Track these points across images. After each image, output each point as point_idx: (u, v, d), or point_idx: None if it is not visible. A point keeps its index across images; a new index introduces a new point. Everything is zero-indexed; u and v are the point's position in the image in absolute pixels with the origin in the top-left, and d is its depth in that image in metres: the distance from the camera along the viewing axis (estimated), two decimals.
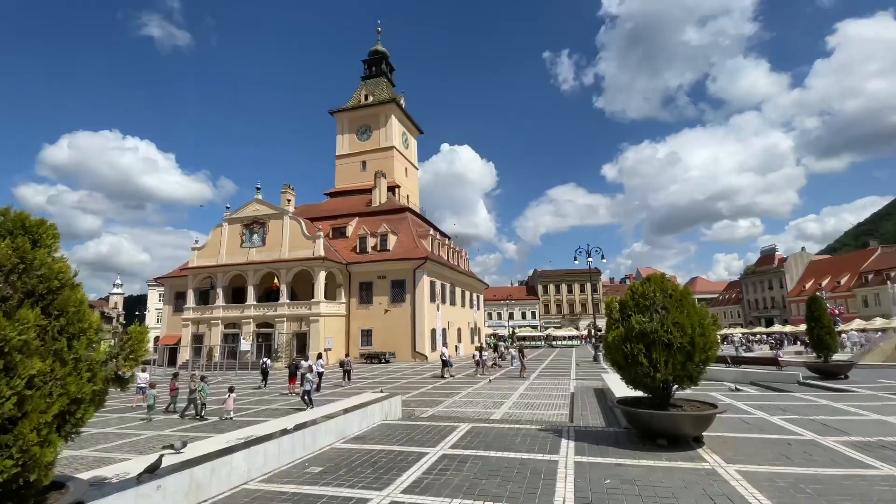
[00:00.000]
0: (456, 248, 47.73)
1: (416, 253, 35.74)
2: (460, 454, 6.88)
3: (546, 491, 5.20)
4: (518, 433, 8.17)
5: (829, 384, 14.38)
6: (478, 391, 16.43)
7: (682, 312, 6.67)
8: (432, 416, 11.19)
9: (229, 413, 12.40)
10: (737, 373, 17.43)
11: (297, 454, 6.93)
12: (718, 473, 5.63)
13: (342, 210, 44.69)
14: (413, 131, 58.76)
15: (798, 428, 8.04)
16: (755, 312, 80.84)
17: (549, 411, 12.12)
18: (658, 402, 7.05)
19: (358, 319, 36.30)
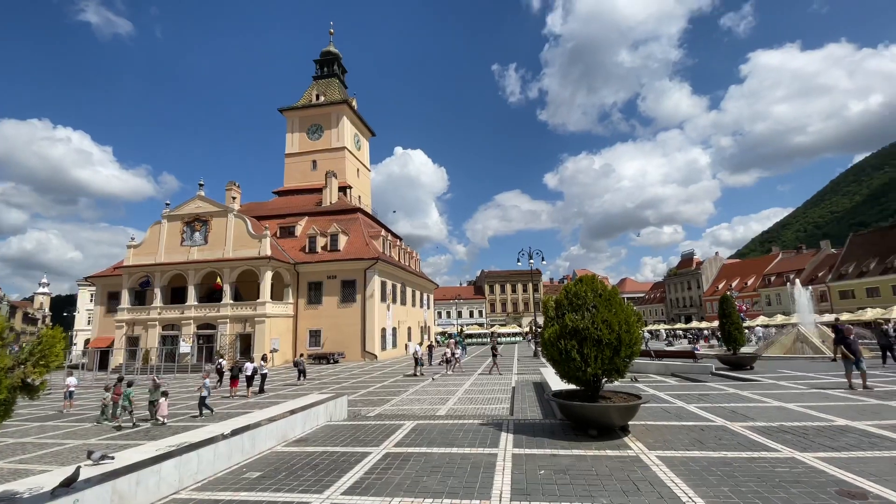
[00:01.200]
0: (407, 248, 47.70)
1: (367, 253, 35.39)
2: (404, 452, 6.98)
3: (485, 484, 5.42)
4: (461, 428, 8.38)
5: (738, 375, 15.85)
6: (424, 389, 16.57)
7: (611, 311, 7.16)
8: (378, 415, 11.19)
9: (163, 419, 11.76)
10: (659, 365, 18.74)
11: (234, 459, 6.74)
12: (641, 459, 6.10)
13: (291, 209, 43.34)
14: (365, 133, 58.04)
15: (711, 415, 8.86)
16: (676, 310, 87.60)
17: (492, 406, 12.48)
18: (589, 394, 7.52)
19: (306, 320, 35.38)
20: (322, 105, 51.58)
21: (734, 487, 4.97)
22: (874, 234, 57.24)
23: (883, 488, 4.73)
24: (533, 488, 5.18)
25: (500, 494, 5.05)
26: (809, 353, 21.86)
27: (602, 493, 4.92)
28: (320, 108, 51.57)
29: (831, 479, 5.10)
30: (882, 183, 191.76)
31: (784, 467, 5.62)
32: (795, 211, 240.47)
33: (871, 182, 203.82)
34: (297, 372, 21.50)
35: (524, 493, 5.03)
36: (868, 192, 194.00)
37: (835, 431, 7.27)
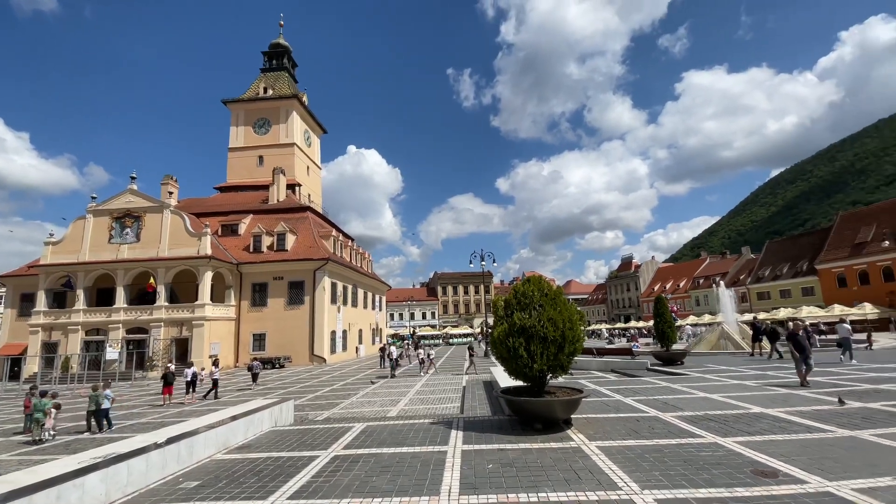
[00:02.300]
0: (359, 249, 46.95)
1: (317, 253, 34.44)
2: (353, 454, 6.90)
3: (434, 481, 5.47)
4: (412, 428, 8.40)
5: (670, 369, 17.06)
6: (375, 391, 16.41)
7: (556, 309, 7.49)
8: (327, 418, 10.95)
9: (49, 433, 10.68)
10: (600, 362, 19.78)
11: (169, 469, 6.35)
12: (582, 450, 6.42)
13: (234, 206, 41.32)
14: (316, 130, 56.53)
15: (645, 407, 9.48)
16: (616, 310, 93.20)
17: (443, 405, 12.59)
18: (535, 390, 7.81)
19: (249, 323, 33.84)
20: (270, 99, 49.67)
21: (664, 471, 5.37)
22: (787, 241, 63.52)
23: (791, 467, 5.30)
24: (481, 482, 5.31)
25: (450, 490, 5.13)
26: (731, 348, 23.92)
27: (546, 484, 5.14)
28: (268, 101, 49.63)
29: (747, 461, 5.63)
30: (794, 195, 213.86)
31: (707, 451, 6.14)
32: (721, 219, 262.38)
33: (785, 194, 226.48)
34: (250, 376, 20.93)
35: (472, 487, 5.15)
36: (783, 204, 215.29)
37: (751, 418, 8.03)
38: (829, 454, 5.72)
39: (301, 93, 53.19)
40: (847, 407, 8.53)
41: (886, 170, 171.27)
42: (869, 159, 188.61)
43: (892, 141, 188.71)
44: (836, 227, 52.14)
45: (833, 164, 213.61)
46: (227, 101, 49.92)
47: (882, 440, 6.21)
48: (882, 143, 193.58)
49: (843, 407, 8.47)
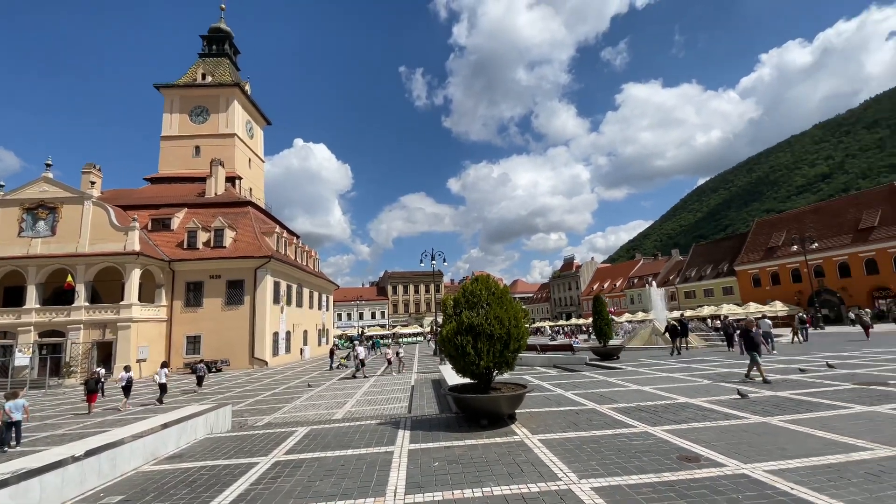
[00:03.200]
0: (305, 247, 45.45)
1: (258, 251, 32.90)
2: (295, 459, 6.67)
3: (379, 482, 5.42)
4: (358, 430, 8.26)
5: (607, 364, 18.07)
6: (320, 394, 15.97)
7: (502, 308, 7.68)
8: (268, 423, 10.50)
9: None
10: (543, 358, 20.52)
11: (89, 484, 5.82)
12: (525, 443, 6.63)
13: (167, 199, 38.49)
14: (260, 121, 53.99)
15: (584, 400, 9.96)
16: (559, 308, 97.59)
17: (391, 405, 12.50)
18: (482, 387, 7.96)
19: (183, 324, 31.69)
20: (209, 86, 46.77)
21: (600, 461, 5.67)
22: (711, 245, 69.19)
23: (712, 452, 5.78)
24: (427, 480, 5.33)
25: (395, 490, 5.11)
26: (662, 343, 25.65)
27: (490, 478, 5.25)
28: (207, 88, 46.70)
29: (674, 448, 6.08)
30: (717, 203, 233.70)
31: (639, 440, 6.55)
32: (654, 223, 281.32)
33: (710, 202, 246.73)
34: (195, 379, 20.00)
35: (418, 486, 5.16)
36: (707, 210, 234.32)
37: (677, 408, 8.67)
38: (745, 439, 6.30)
39: (244, 81, 50.58)
40: (760, 395, 9.43)
41: (797, 181, 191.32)
42: (782, 171, 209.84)
43: (801, 156, 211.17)
44: (753, 232, 57.53)
45: (751, 175, 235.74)
46: (159, 86, 46.42)
47: (790, 425, 6.92)
48: (793, 158, 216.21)
49: (746, 399, 9.16)
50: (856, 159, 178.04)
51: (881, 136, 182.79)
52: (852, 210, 45.44)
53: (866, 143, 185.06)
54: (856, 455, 5.34)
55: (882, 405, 7.80)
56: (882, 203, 42.61)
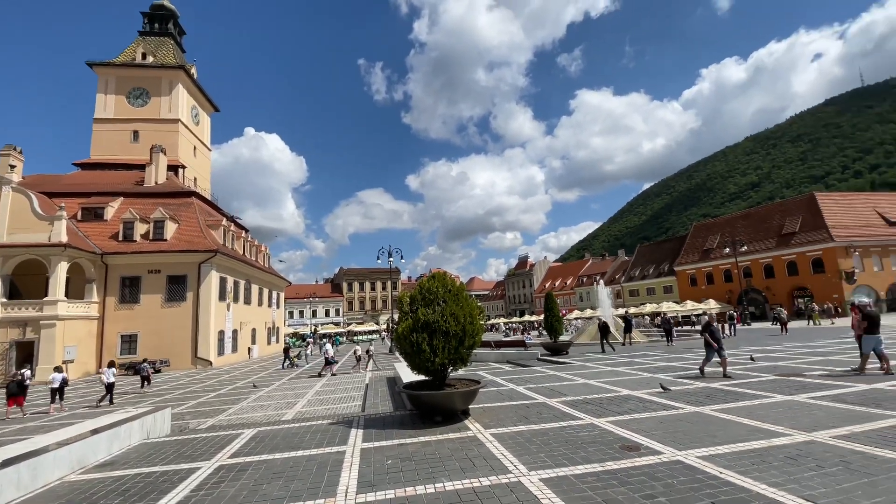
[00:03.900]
0: (254, 241, 43.62)
1: (203, 244, 31.18)
2: (241, 462, 6.40)
3: (330, 482, 5.31)
4: (309, 430, 8.05)
5: (557, 359, 18.74)
6: (269, 394, 15.42)
7: (458, 305, 7.76)
8: (212, 426, 10.01)
9: None
10: (497, 354, 20.97)
11: (6, 497, 5.29)
12: (478, 438, 6.73)
13: (100, 186, 35.60)
14: (207, 107, 51.11)
15: (535, 394, 10.26)
16: (513, 305, 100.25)
17: (344, 404, 12.29)
18: (437, 383, 8.00)
19: (117, 322, 29.52)
20: (151, 66, 43.70)
21: (548, 452, 5.87)
22: (653, 246, 73.32)
23: (651, 441, 6.13)
24: (379, 479, 5.29)
25: (347, 490, 5.02)
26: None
27: (443, 474, 5.29)
28: (149, 69, 43.61)
29: (617, 438, 6.39)
30: (660, 207, 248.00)
31: (585, 431, 6.84)
32: (603, 225, 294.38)
33: (653, 205, 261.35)
34: (139, 379, 19.17)
35: (370, 485, 5.11)
36: (651, 213, 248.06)
37: (621, 400, 9.13)
38: (680, 428, 6.73)
39: (189, 64, 47.71)
40: (693, 386, 10.12)
41: (730, 189, 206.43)
42: (717, 179, 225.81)
43: (735, 165, 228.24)
44: (691, 235, 61.53)
45: (690, 182, 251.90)
46: (93, 64, 42.78)
47: (720, 414, 7.47)
48: (727, 167, 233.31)
49: (667, 392, 9.62)
50: (781, 170, 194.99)
51: (804, 149, 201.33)
52: (777, 217, 49.71)
53: (791, 155, 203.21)
54: (776, 440, 5.85)
55: (799, 395, 8.60)
56: (802, 211, 46.91)
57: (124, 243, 30.63)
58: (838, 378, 10.10)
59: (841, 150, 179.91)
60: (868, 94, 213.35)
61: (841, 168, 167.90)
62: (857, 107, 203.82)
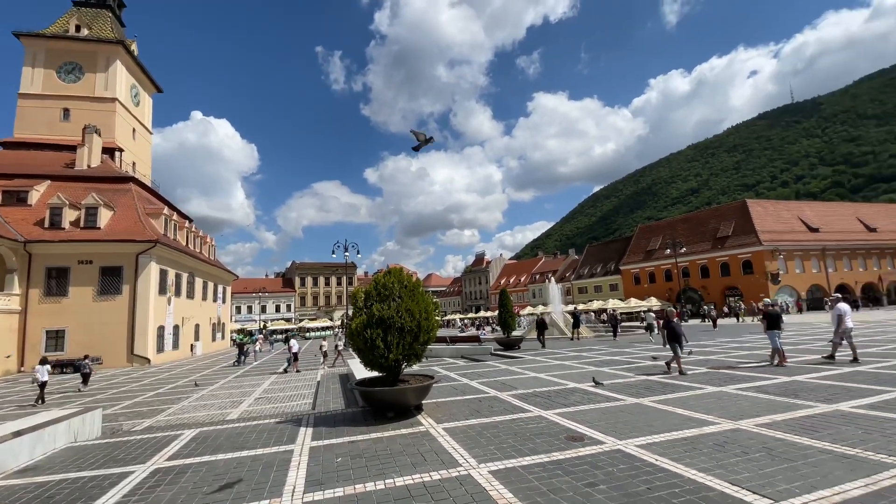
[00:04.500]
0: (199, 232, 41.36)
1: (141, 234, 29.16)
2: (179, 464, 6.08)
3: (276, 482, 5.16)
4: (255, 430, 7.78)
5: (509, 354, 19.19)
6: (213, 393, 14.72)
7: (414, 300, 7.75)
8: (148, 427, 9.42)
9: None
10: (452, 350, 21.18)
11: None
12: (430, 433, 6.78)
13: (24, 167, 32.40)
14: (148, 87, 47.69)
15: (487, 388, 10.47)
16: (470, 302, 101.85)
17: (294, 402, 11.96)
18: (390, 379, 7.96)
19: (42, 317, 27.06)
20: (86, 40, 40.15)
21: (498, 445, 6.01)
22: (602, 246, 76.60)
23: (594, 431, 6.43)
24: (328, 477, 5.21)
25: (293, 490, 4.91)
26: (557, 334, 27.86)
27: (393, 470, 5.29)
28: (83, 42, 40.04)
29: (563, 429, 6.65)
30: (609, 209, 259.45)
31: (533, 423, 7.07)
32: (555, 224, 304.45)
33: (603, 207, 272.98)
34: (80, 377, 18.09)
35: (318, 484, 5.01)
36: (601, 215, 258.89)
37: (567, 392, 9.49)
38: (621, 419, 7.10)
39: (130, 40, 44.31)
40: (634, 379, 10.69)
41: (672, 193, 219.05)
42: (661, 184, 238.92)
43: (677, 171, 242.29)
44: (636, 236, 64.80)
45: (637, 186, 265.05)
46: (20, 34, 38.73)
47: (657, 405, 7.94)
48: (671, 173, 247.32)
49: (600, 385, 10.01)
50: (718, 178, 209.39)
51: (738, 159, 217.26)
52: (713, 221, 53.34)
53: (726, 164, 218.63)
54: (707, 429, 6.30)
55: (728, 386, 9.30)
56: (735, 216, 50.61)
57: (51, 231, 28.07)
58: (761, 370, 11.02)
59: (771, 161, 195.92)
60: (796, 110, 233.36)
61: (770, 178, 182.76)
62: (787, 121, 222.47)
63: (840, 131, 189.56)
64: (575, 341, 24.36)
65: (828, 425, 6.13)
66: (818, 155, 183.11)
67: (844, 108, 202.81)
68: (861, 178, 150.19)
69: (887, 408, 6.85)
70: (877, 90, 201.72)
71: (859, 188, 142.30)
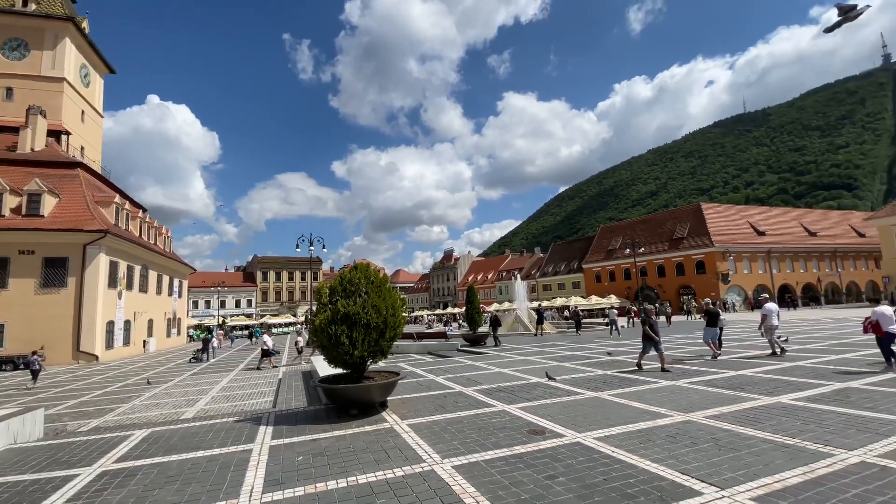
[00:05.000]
0: (154, 223, 39.37)
1: (90, 223, 27.45)
2: (129, 466, 5.79)
3: (234, 483, 5.01)
4: (212, 429, 7.51)
5: (475, 349, 19.41)
6: (168, 391, 14.10)
7: (381, 296, 7.68)
8: (96, 428, 8.92)
9: None
10: (419, 346, 21.21)
11: None
12: (394, 430, 6.75)
13: None
14: (100, 67, 44.76)
15: (453, 384, 10.54)
16: (437, 298, 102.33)
17: (254, 400, 11.62)
18: (355, 376, 7.87)
19: None
20: (32, 15, 37.17)
21: (462, 440, 6.07)
22: (566, 245, 78.53)
23: (555, 425, 6.59)
24: (288, 476, 5.10)
25: (252, 490, 4.77)
26: (521, 330, 28.39)
27: (356, 467, 5.24)
28: (29, 17, 37.04)
29: (525, 423, 6.79)
30: (573, 209, 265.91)
31: (497, 418, 7.17)
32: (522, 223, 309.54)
33: (567, 207, 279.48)
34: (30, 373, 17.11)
35: (278, 483, 4.90)
36: (565, 214, 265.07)
37: (530, 387, 9.69)
38: (580, 412, 7.32)
39: (81, 17, 41.45)
40: (594, 373, 11.04)
41: (633, 196, 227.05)
42: (623, 186, 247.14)
43: (638, 174, 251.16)
44: (598, 236, 66.83)
45: (600, 187, 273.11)
46: None
47: (615, 399, 8.23)
48: (632, 175, 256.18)
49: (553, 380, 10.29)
50: (675, 181, 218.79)
51: (694, 164, 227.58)
52: (670, 223, 55.73)
53: (683, 169, 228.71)
54: (660, 421, 6.59)
55: (680, 380, 9.76)
56: (690, 219, 53.06)
57: None
58: (711, 365, 11.63)
59: (724, 167, 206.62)
60: (748, 120, 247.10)
61: (723, 183, 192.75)
62: (739, 130, 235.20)
63: (787, 141, 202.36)
64: (539, 337, 24.88)
65: (770, 417, 6.54)
66: (766, 163, 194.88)
67: (791, 120, 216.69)
68: (804, 186, 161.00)
69: (823, 400, 7.38)
70: (821, 104, 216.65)
71: (802, 195, 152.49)
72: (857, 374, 9.34)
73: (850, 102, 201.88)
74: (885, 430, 5.64)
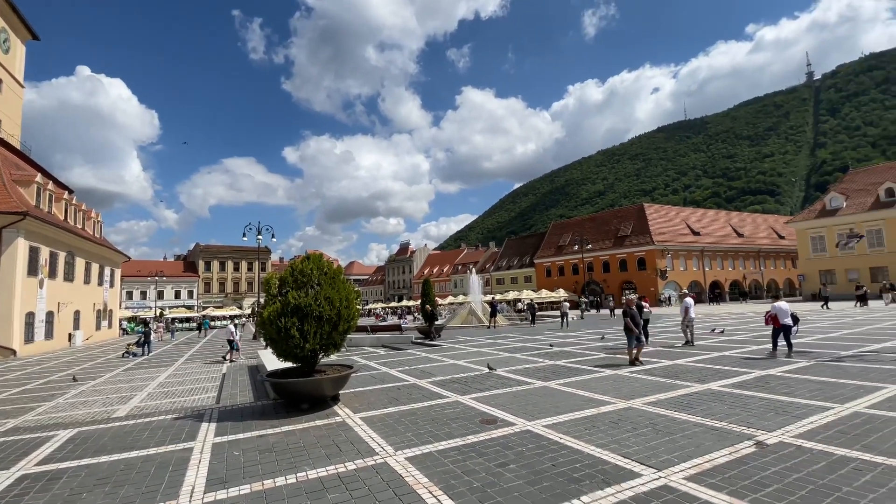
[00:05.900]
0: (82, 206, 36.16)
1: (6, 205, 24.75)
2: (53, 469, 5.32)
3: (173, 483, 4.73)
4: (147, 428, 7.05)
5: (430, 342, 19.47)
6: (97, 388, 13.05)
7: (334, 288, 7.50)
8: (14, 428, 8.10)
9: None
10: (373, 339, 20.99)
11: None
12: (346, 423, 6.65)
13: None
14: (21, 31, 40.11)
15: (407, 376, 10.53)
16: (392, 291, 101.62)
17: (194, 396, 11.00)
18: (306, 370, 7.65)
19: None
20: None
21: (415, 431, 6.09)
22: (519, 240, 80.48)
23: (506, 414, 6.76)
24: (233, 474, 4.88)
25: (192, 490, 4.52)
26: (475, 322, 28.87)
27: (306, 463, 5.11)
28: None
29: (478, 413, 6.91)
30: (527, 206, 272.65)
31: (450, 409, 7.25)
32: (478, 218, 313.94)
33: (521, 204, 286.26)
34: None
35: (222, 482, 4.68)
36: (519, 211, 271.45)
37: (483, 378, 9.88)
38: (531, 401, 7.55)
39: None
40: (543, 364, 11.42)
41: (582, 194, 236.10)
42: (574, 185, 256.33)
43: (588, 174, 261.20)
44: (549, 232, 68.99)
45: (552, 185, 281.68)
46: None
47: (563, 388, 8.56)
48: (582, 175, 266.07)
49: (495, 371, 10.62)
50: (621, 182, 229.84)
51: (639, 166, 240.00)
52: (615, 221, 58.51)
53: (629, 170, 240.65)
54: (604, 408, 6.93)
55: (622, 369, 10.31)
56: (634, 218, 55.95)
57: None
58: (649, 356, 12.37)
59: (665, 170, 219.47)
60: (688, 127, 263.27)
61: (664, 185, 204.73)
62: (680, 136, 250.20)
63: (721, 148, 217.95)
64: (492, 329, 25.37)
65: (700, 402, 7.06)
66: (703, 168, 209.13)
67: (725, 129, 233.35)
68: (734, 190, 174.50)
69: (747, 386, 8.06)
70: (752, 115, 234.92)
71: (732, 199, 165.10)
72: (776, 363, 10.29)
73: (776, 115, 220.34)
74: (800, 413, 6.25)
